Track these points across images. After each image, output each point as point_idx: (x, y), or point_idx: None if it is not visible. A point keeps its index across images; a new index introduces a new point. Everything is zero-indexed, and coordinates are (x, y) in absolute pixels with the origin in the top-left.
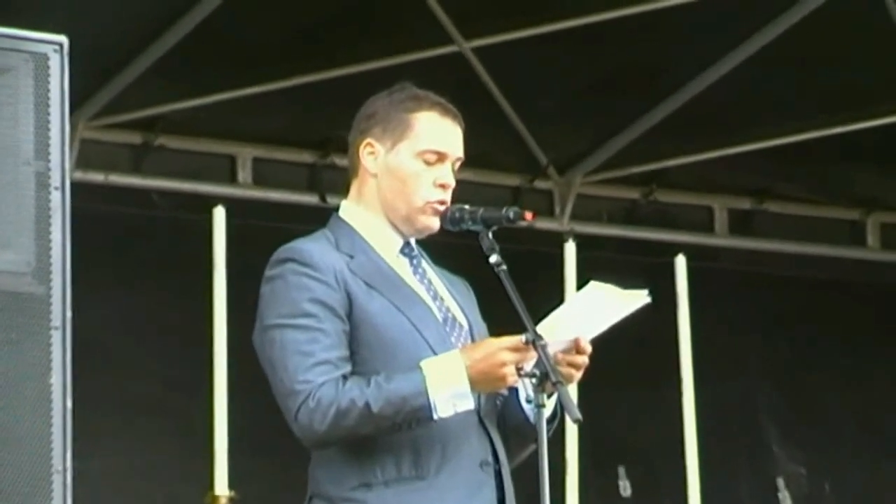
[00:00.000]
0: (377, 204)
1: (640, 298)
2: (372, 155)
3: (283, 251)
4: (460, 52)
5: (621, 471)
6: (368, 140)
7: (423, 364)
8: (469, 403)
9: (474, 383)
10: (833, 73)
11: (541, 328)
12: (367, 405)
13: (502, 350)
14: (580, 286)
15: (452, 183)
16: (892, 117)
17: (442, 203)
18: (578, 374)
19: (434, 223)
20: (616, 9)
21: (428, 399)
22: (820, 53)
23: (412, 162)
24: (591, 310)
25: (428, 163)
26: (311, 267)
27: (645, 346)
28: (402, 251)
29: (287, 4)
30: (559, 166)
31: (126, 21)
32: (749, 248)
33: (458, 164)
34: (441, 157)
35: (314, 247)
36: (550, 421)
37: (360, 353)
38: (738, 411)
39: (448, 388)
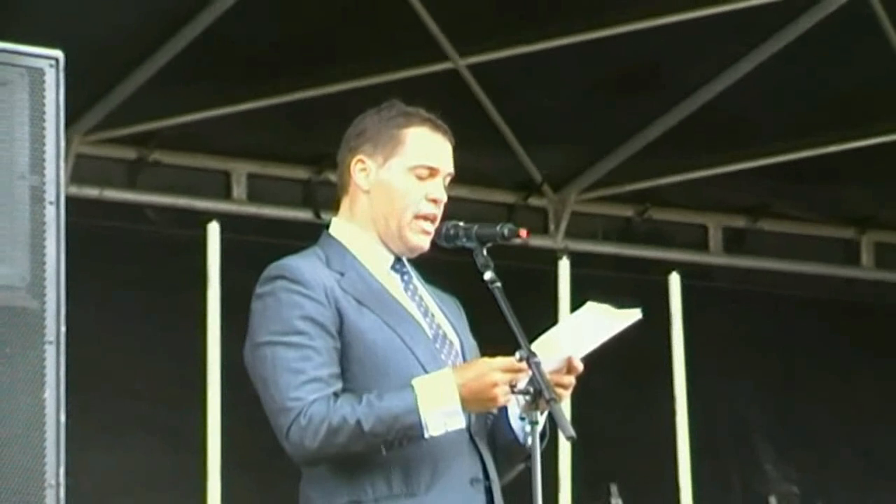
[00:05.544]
0: (369, 221)
1: (632, 316)
2: (363, 172)
3: (274, 268)
4: (455, 69)
5: (614, 488)
6: (359, 157)
7: (414, 382)
8: (460, 422)
9: (465, 403)
10: (828, 92)
11: (535, 346)
12: (359, 423)
13: (494, 370)
14: (574, 304)
15: (444, 198)
16: (887, 136)
17: (433, 218)
18: (566, 394)
19: (424, 243)
20: (609, 27)
21: (419, 417)
22: (813, 73)
23: (404, 177)
24: (584, 329)
25: (420, 178)
26: (301, 284)
27: (638, 363)
28: (393, 267)
29: (282, 21)
30: (554, 184)
31: (121, 37)
32: (743, 266)
33: (448, 180)
34: (432, 172)
35: (305, 264)
36: (541, 439)
37: (350, 370)
38: (731, 429)
39: (439, 407)
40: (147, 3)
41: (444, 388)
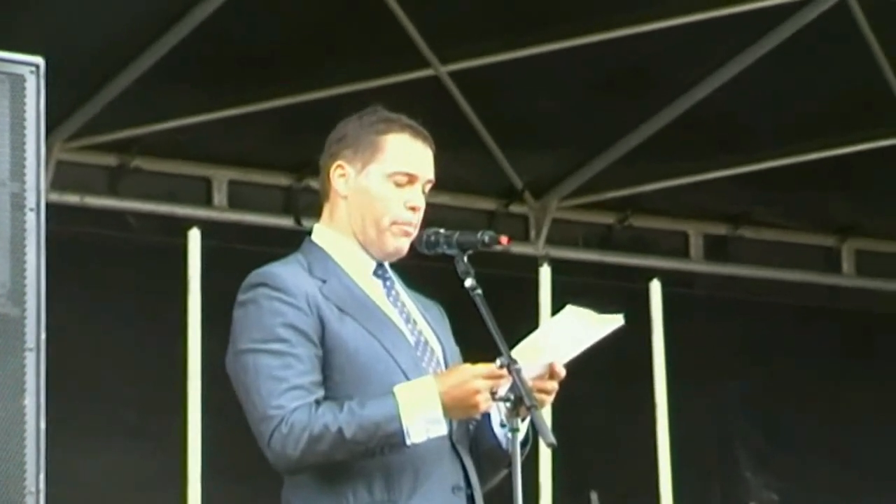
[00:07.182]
0: (348, 226)
1: (614, 322)
2: (342, 177)
3: (256, 276)
4: (437, 76)
5: (594, 496)
6: (339, 162)
7: (396, 390)
8: (442, 429)
9: (447, 410)
10: (809, 100)
11: (516, 352)
12: (340, 431)
13: (476, 377)
14: (555, 311)
15: (422, 205)
16: (868, 144)
17: (411, 225)
18: (549, 399)
19: (403, 246)
20: (590, 34)
21: (401, 425)
22: (796, 80)
23: (382, 184)
24: (566, 334)
25: (398, 185)
26: (283, 291)
27: (619, 370)
28: (375, 273)
29: (264, 27)
30: (535, 191)
31: (103, 43)
32: (724, 273)
33: (428, 187)
34: (411, 179)
35: (286, 271)
36: (523, 445)
37: (332, 377)
38: (712, 437)
39: (421, 415)
40: (127, 12)
41: (426, 395)
